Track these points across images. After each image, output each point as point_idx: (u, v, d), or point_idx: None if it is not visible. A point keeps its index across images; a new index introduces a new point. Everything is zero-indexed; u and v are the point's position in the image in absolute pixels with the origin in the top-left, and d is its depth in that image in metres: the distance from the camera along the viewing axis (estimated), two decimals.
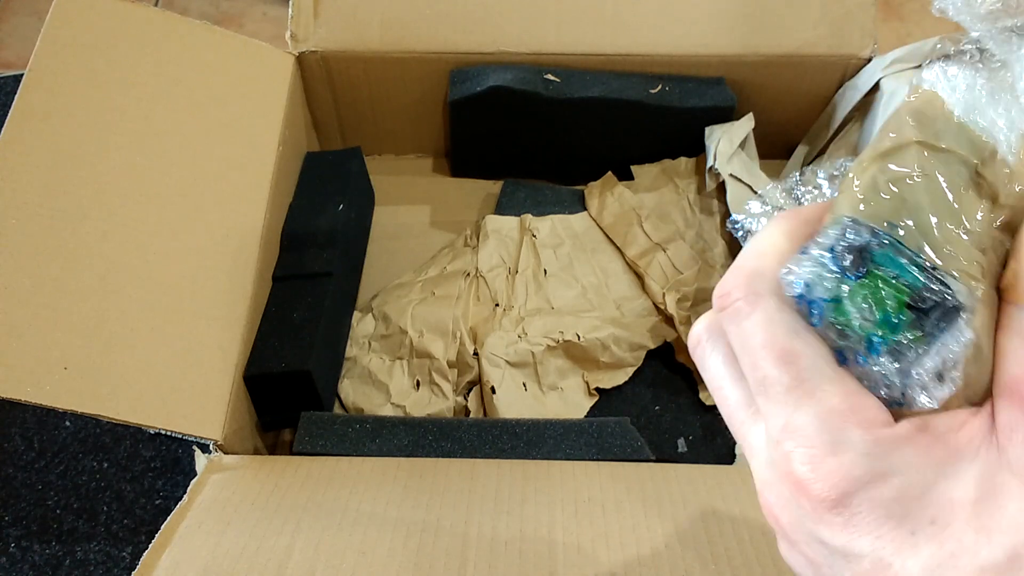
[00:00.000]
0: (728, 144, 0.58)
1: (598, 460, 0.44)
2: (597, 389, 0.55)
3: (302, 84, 0.61)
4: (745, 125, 0.60)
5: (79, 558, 0.48)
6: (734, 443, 0.53)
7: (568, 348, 0.55)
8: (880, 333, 0.18)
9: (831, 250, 0.19)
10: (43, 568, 0.48)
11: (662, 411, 0.55)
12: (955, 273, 0.18)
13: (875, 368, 0.19)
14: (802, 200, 0.54)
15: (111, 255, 0.43)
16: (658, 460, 0.45)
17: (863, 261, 0.19)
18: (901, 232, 0.19)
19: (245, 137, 0.52)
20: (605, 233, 0.62)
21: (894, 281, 0.18)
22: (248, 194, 0.51)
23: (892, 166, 0.20)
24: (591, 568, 0.36)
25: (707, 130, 0.61)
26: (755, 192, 0.56)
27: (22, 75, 0.44)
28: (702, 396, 0.55)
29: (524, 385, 0.54)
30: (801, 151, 0.66)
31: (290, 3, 0.58)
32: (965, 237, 0.19)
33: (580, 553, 0.37)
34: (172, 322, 0.44)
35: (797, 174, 0.60)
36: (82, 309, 0.41)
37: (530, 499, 0.40)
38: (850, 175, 0.20)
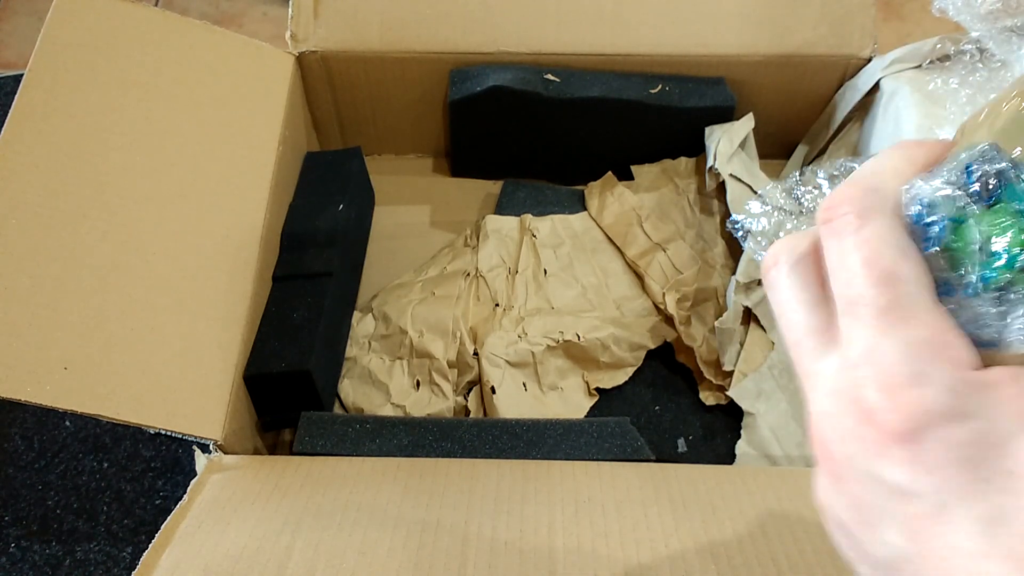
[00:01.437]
0: (728, 144, 0.58)
1: (598, 460, 0.44)
2: (597, 389, 0.55)
3: (302, 84, 0.61)
4: (745, 125, 0.60)
5: (79, 558, 0.48)
6: (734, 443, 0.53)
7: (568, 348, 0.55)
8: (994, 266, 0.17)
9: (967, 169, 0.18)
10: (43, 568, 0.48)
11: (662, 411, 0.55)
12: None
13: (978, 304, 0.18)
14: (802, 200, 0.54)
15: (111, 255, 0.43)
16: (658, 460, 0.45)
17: (996, 189, 0.18)
18: None
19: (245, 137, 0.52)
20: (605, 233, 0.62)
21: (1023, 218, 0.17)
22: (248, 194, 0.51)
23: None
24: (591, 568, 0.36)
25: (707, 130, 0.61)
26: (755, 192, 0.56)
27: (22, 75, 0.44)
28: (702, 396, 0.55)
29: (524, 385, 0.54)
30: (801, 151, 0.66)
31: (290, 3, 0.58)
32: None
33: (580, 553, 0.37)
34: (172, 322, 0.44)
35: (797, 174, 0.60)
36: (82, 309, 0.41)
37: (530, 499, 0.40)
38: (989, 108, 0.19)
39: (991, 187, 0.18)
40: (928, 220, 0.18)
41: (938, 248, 0.18)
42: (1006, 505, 0.17)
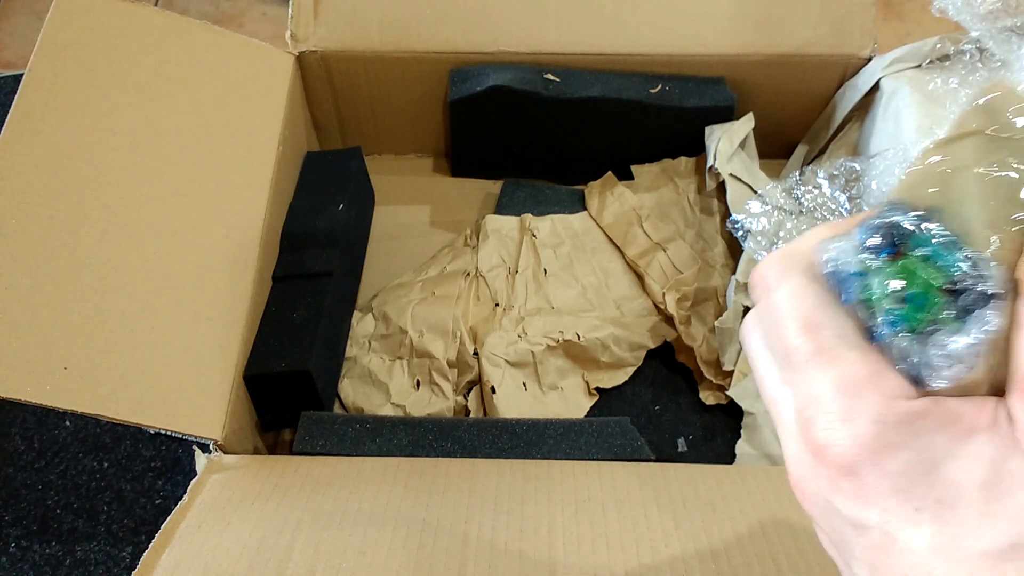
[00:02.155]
0: (728, 144, 0.58)
1: (598, 460, 0.44)
2: (597, 389, 0.55)
3: (302, 84, 0.61)
4: (745, 125, 0.60)
5: (79, 558, 0.48)
6: (734, 443, 0.53)
7: (568, 348, 0.55)
8: (906, 311, 0.18)
9: (868, 228, 0.19)
10: (43, 568, 0.48)
11: (662, 411, 0.55)
12: (993, 262, 0.18)
13: (897, 344, 0.19)
14: (802, 200, 0.54)
15: (111, 255, 0.43)
16: (658, 460, 0.45)
17: (898, 241, 0.19)
18: (942, 218, 0.19)
19: (245, 137, 0.52)
20: (605, 233, 0.62)
21: (927, 262, 0.18)
22: (248, 194, 0.51)
23: (943, 156, 0.20)
24: (591, 568, 0.36)
25: (707, 130, 0.61)
26: (755, 192, 0.56)
27: (22, 75, 0.44)
28: (702, 396, 0.55)
29: (524, 385, 0.54)
30: (801, 151, 0.66)
31: (290, 3, 0.58)
32: (1013, 229, 0.18)
33: (580, 553, 0.37)
34: (172, 322, 0.44)
35: (797, 174, 0.60)
36: (82, 309, 0.41)
37: (530, 499, 0.40)
38: (906, 172, 0.21)
39: (892, 238, 0.19)
40: (841, 276, 0.20)
41: (854, 300, 0.19)
42: (940, 534, 0.17)
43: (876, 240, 0.19)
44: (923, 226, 0.19)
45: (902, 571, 0.18)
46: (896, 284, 0.18)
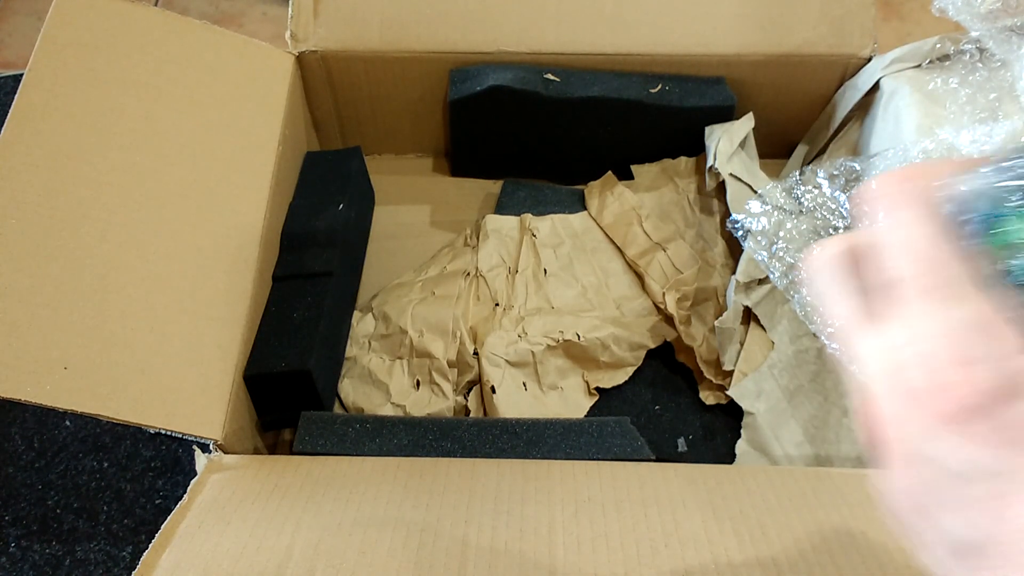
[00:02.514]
0: (728, 144, 0.58)
1: (598, 460, 0.44)
2: (597, 389, 0.55)
3: (302, 84, 0.61)
4: (745, 125, 0.60)
5: (79, 558, 0.48)
6: (734, 443, 0.53)
7: (568, 348, 0.55)
8: None
9: (1002, 169, 0.18)
10: (43, 568, 0.48)
11: (662, 411, 0.55)
12: None
13: (1019, 297, 0.17)
14: (802, 199, 0.54)
15: (111, 255, 0.43)
16: (658, 460, 0.45)
17: None
18: None
19: (245, 137, 0.52)
20: (605, 233, 0.62)
21: None
22: (248, 194, 0.51)
23: None
24: (591, 568, 0.36)
25: (707, 130, 0.61)
26: (755, 192, 0.56)
27: (22, 75, 0.44)
28: (702, 396, 0.55)
29: (524, 385, 0.54)
30: (801, 151, 0.66)
31: (290, 3, 0.58)
32: None
33: (580, 553, 0.37)
34: (172, 322, 0.44)
35: (797, 174, 0.60)
36: (82, 309, 0.41)
37: (530, 499, 0.40)
38: None
39: None
40: (967, 215, 0.18)
41: (976, 242, 0.18)
42: None
43: (1011, 182, 0.17)
44: None
45: (1017, 525, 0.17)
46: None
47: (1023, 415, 0.17)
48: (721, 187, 0.58)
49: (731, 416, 0.54)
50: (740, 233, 0.54)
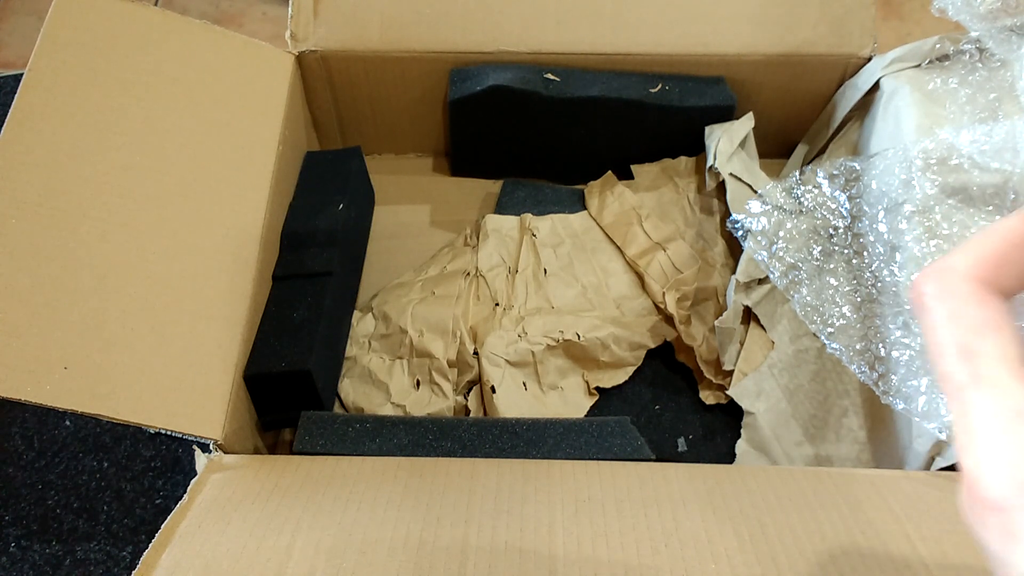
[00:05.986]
0: (728, 143, 0.58)
1: (598, 459, 0.44)
2: (597, 388, 0.55)
3: (302, 84, 0.61)
4: (745, 124, 0.60)
5: (79, 557, 0.48)
6: (734, 442, 0.53)
7: (568, 347, 0.55)
8: None
9: None
10: (43, 568, 0.48)
11: (662, 411, 0.55)
12: None
13: None
14: (802, 199, 0.54)
15: (111, 255, 0.43)
16: (658, 460, 0.45)
17: None
18: None
19: (245, 137, 0.52)
20: (605, 232, 0.62)
21: None
22: (248, 194, 0.51)
23: None
24: (591, 568, 0.36)
25: (707, 129, 0.61)
26: (755, 191, 0.56)
27: (22, 75, 0.44)
28: (702, 395, 0.55)
29: (524, 384, 0.54)
30: (801, 151, 0.66)
31: (290, 3, 0.58)
32: None
33: (580, 553, 0.37)
34: (172, 322, 0.44)
35: (797, 173, 0.60)
36: (82, 309, 0.41)
37: (530, 499, 0.40)
38: None
39: None
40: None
41: None
42: None
43: None
44: None
45: None
46: None
47: None
48: (721, 187, 0.58)
49: (731, 416, 0.54)
50: (740, 233, 0.54)
